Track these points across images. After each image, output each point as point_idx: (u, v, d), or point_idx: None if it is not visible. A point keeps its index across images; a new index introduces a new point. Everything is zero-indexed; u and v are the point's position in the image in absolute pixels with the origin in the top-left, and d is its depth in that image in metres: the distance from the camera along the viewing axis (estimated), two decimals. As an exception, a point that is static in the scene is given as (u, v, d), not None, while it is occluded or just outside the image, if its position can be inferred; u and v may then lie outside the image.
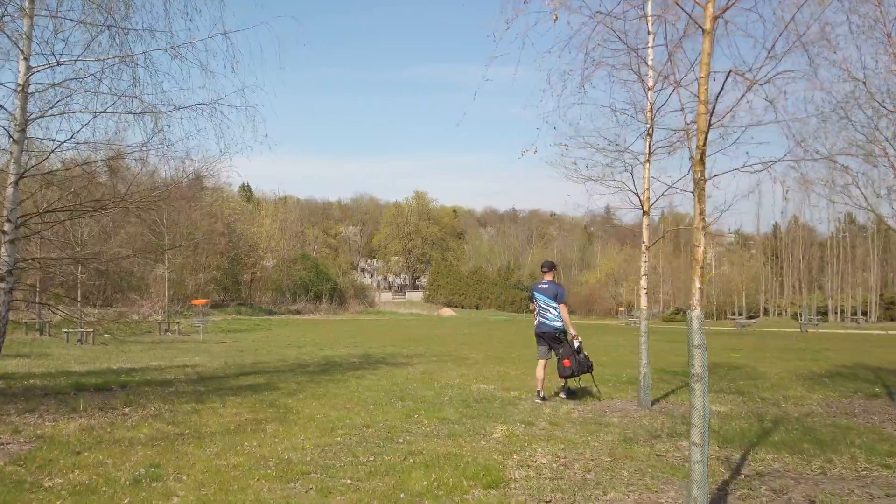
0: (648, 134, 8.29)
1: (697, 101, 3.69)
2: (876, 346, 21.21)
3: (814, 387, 10.41)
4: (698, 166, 3.70)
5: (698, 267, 3.72)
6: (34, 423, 7.24)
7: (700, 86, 3.68)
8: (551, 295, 9.24)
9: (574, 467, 5.46)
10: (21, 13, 8.77)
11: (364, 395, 9.72)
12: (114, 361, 15.11)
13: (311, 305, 46.10)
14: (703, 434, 3.69)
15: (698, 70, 3.67)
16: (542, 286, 9.41)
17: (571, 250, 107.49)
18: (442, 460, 5.67)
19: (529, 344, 21.99)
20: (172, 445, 6.23)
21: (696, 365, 3.73)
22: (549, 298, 9.24)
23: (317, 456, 5.87)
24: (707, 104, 3.67)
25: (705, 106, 3.67)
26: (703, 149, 3.67)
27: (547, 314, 9.25)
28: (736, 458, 5.82)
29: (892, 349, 19.54)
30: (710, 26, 3.64)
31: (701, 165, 3.70)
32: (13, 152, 8.68)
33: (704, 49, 3.66)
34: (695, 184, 3.73)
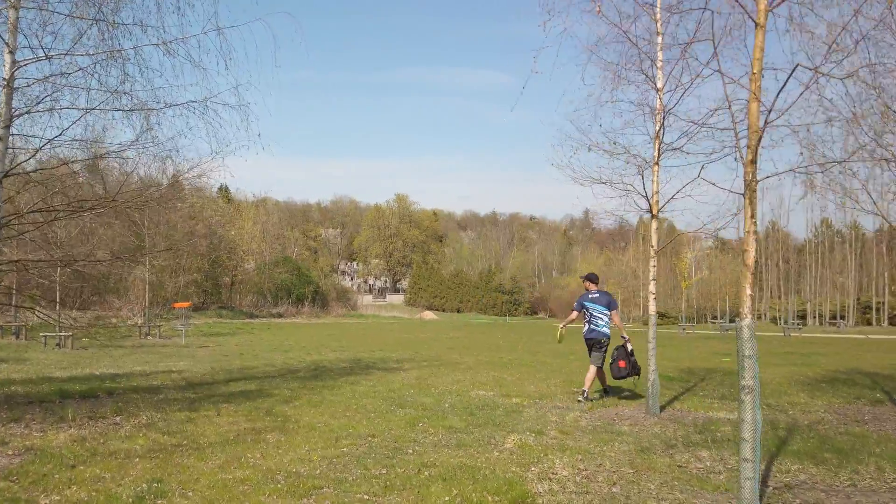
0: (658, 136, 8.14)
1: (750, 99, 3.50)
2: (864, 350, 21.35)
3: (815, 393, 10.34)
4: (750, 167, 3.52)
5: (749, 273, 3.53)
6: (21, 434, 6.89)
7: (752, 82, 3.50)
8: (605, 304, 9.75)
9: (598, 480, 5.26)
10: (6, 4, 8.41)
11: (362, 402, 9.45)
12: (96, 366, 14.65)
13: (292, 308, 45.50)
14: (755, 449, 3.51)
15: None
16: (594, 296, 9.88)
17: (552, 254, 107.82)
18: (458, 473, 5.44)
19: (516, 349, 21.89)
20: (171, 457, 5.92)
21: (746, 376, 3.54)
22: (602, 307, 9.72)
23: (326, 468, 5.61)
24: (759, 100, 3.48)
25: (758, 103, 3.48)
26: (756, 148, 3.48)
27: (599, 321, 9.69)
28: (760, 469, 5.65)
29: (879, 353, 19.67)
30: (764, 20, 3.46)
31: (753, 166, 3.52)
32: (-3, 149, 8.30)
33: (757, 44, 3.48)
34: (745, 185, 3.55)
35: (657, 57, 8.20)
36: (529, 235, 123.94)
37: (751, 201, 3.52)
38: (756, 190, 3.53)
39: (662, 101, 7.79)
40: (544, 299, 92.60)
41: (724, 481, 5.25)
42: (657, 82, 8.18)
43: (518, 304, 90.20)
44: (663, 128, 7.81)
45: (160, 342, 25.00)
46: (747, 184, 3.54)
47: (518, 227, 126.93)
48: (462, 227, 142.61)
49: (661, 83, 8.18)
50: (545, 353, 19.35)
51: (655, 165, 8.13)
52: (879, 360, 16.64)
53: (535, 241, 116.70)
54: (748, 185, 3.53)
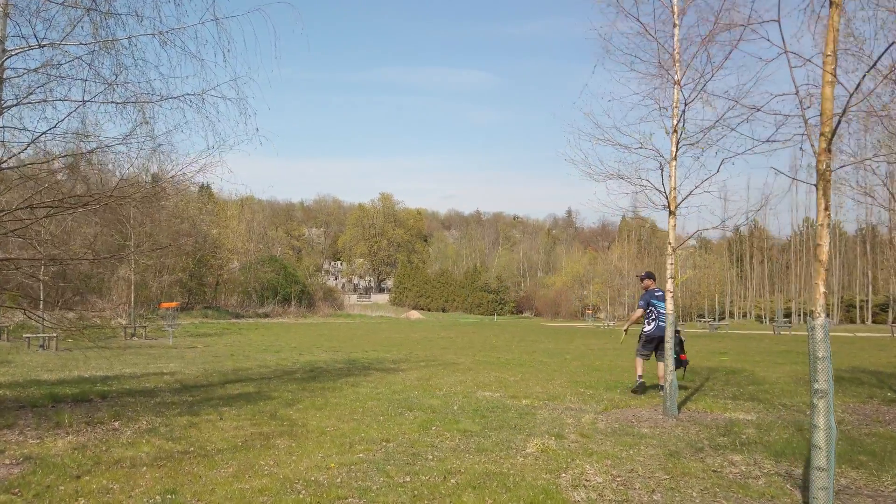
0: (675, 130, 7.94)
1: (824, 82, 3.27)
2: (857, 348, 21.37)
3: (825, 392, 10.20)
4: (824, 156, 3.30)
5: (822, 269, 3.30)
6: (17, 441, 6.53)
7: (826, 65, 3.27)
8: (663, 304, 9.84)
9: (635, 486, 5.03)
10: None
11: (367, 404, 9.17)
12: (84, 369, 14.23)
13: (279, 308, 44.91)
14: (830, 458, 3.28)
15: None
16: (659, 294, 10.10)
17: (536, 253, 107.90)
18: (487, 480, 5.19)
19: (511, 348, 21.65)
20: (180, 466, 5.60)
21: (819, 380, 3.31)
22: (660, 303, 9.97)
23: (346, 476, 5.33)
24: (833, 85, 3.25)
25: (831, 87, 3.25)
26: (832, 136, 3.25)
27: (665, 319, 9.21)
28: (798, 473, 5.46)
29: (873, 352, 19.69)
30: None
31: (827, 155, 3.29)
32: (-14, 143, 7.93)
33: (832, 24, 3.26)
34: (818, 175, 3.33)
35: (675, 49, 8.00)
36: (513, 235, 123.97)
37: (825, 192, 3.30)
38: (830, 180, 3.30)
39: (683, 95, 7.58)
40: (530, 298, 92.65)
41: (765, 487, 5.05)
42: (675, 75, 7.98)
43: (504, 303, 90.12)
44: (684, 122, 7.60)
45: (146, 343, 24.50)
46: (821, 174, 3.31)
47: (502, 227, 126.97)
48: (446, 226, 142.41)
49: (678, 76, 7.98)
50: (541, 353, 19.16)
51: (673, 161, 7.93)
52: (877, 359, 16.64)
53: (519, 241, 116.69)
54: (822, 174, 3.31)
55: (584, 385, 11.21)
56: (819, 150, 3.31)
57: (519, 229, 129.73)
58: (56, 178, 8.61)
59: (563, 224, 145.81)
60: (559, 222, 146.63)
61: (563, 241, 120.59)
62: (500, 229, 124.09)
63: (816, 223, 3.33)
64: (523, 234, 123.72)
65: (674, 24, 7.98)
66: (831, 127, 3.27)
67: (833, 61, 3.28)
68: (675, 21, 7.98)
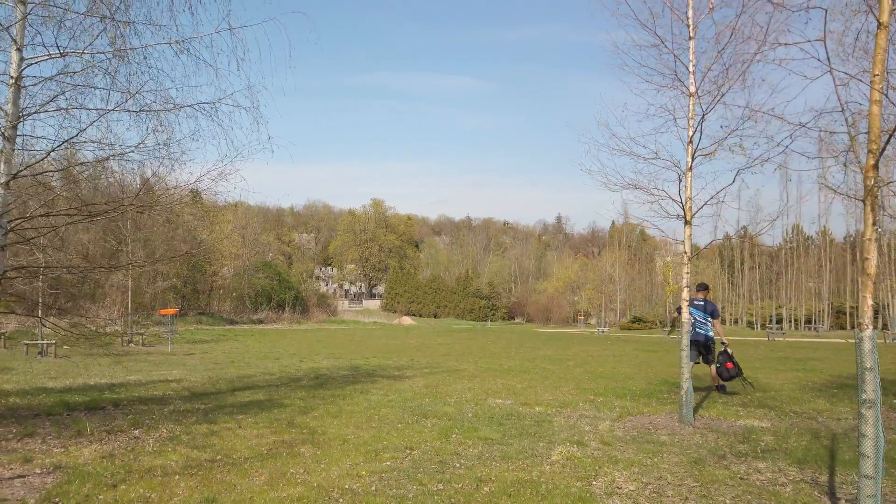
0: (690, 141, 8.06)
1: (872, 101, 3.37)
2: (852, 354, 21.57)
3: (832, 399, 10.33)
4: (871, 172, 3.40)
5: (870, 282, 3.40)
6: (42, 450, 6.52)
7: (874, 84, 3.37)
8: (708, 311, 11.13)
9: (668, 494, 5.10)
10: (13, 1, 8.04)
11: (380, 411, 9.20)
12: (86, 376, 14.18)
13: (273, 314, 44.77)
14: (877, 466, 3.37)
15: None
16: (699, 303, 11.14)
17: (528, 259, 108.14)
18: (520, 488, 5.25)
19: (511, 354, 21.67)
20: (211, 474, 5.63)
21: (867, 390, 3.42)
22: (705, 314, 11.08)
23: (379, 485, 5.37)
24: (881, 104, 3.36)
25: (879, 106, 3.35)
26: (880, 153, 3.35)
27: (701, 326, 10.98)
28: (823, 480, 5.56)
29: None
30: (888, 19, 3.34)
31: (874, 171, 3.39)
32: (4, 151, 7.93)
33: (879, 44, 3.37)
34: (866, 191, 3.42)
35: (690, 61, 8.13)
36: (504, 241, 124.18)
37: (872, 208, 3.40)
38: (878, 196, 3.40)
39: (702, 106, 7.70)
40: (521, 304, 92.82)
41: (794, 494, 5.14)
42: (690, 87, 8.10)
43: (495, 309, 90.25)
44: (701, 132, 7.72)
45: (144, 350, 24.40)
46: (868, 190, 3.41)
47: (493, 233, 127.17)
48: (436, 231, 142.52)
49: (693, 88, 8.11)
50: (542, 360, 19.24)
51: (689, 171, 8.04)
52: (874, 365, 16.82)
53: (510, 247, 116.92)
54: (869, 191, 3.41)
55: (593, 392, 11.30)
56: (867, 166, 3.41)
57: (509, 235, 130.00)
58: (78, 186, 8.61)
59: (553, 230, 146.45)
60: (549, 228, 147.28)
61: (554, 248, 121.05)
62: (492, 235, 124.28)
63: (864, 237, 3.43)
64: (514, 239, 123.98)
65: (689, 37, 8.11)
66: (879, 145, 3.37)
67: (881, 80, 3.39)
68: (690, 34, 8.11)
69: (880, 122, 3.39)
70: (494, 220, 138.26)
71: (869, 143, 3.42)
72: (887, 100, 3.42)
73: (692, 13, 8.09)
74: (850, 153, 3.49)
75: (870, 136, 3.42)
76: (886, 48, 3.37)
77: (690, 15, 8.09)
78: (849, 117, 3.47)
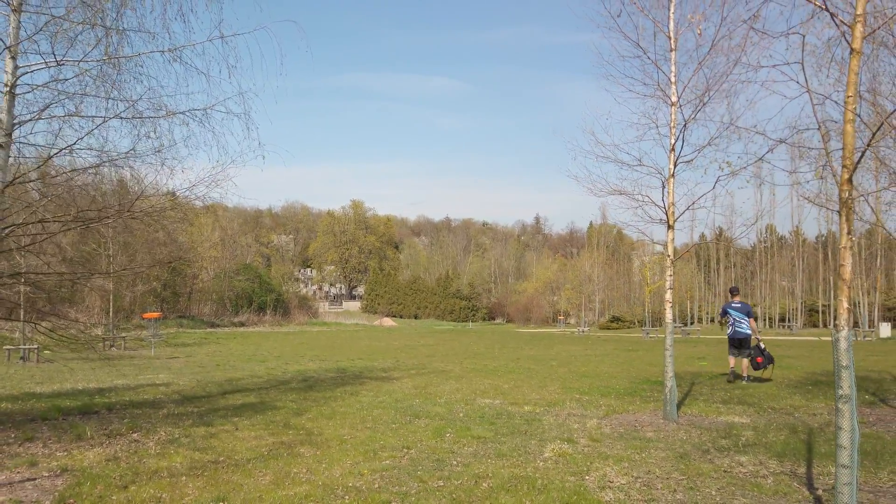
0: (672, 149, 8.38)
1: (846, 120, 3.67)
2: (826, 352, 22.15)
3: (807, 395, 10.73)
4: (846, 185, 3.69)
5: (846, 286, 3.70)
6: (45, 454, 6.65)
7: (847, 105, 3.67)
8: (744, 312, 12.93)
9: (657, 487, 5.39)
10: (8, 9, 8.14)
11: (373, 412, 9.41)
12: (74, 381, 14.21)
13: (254, 317, 44.63)
14: (853, 457, 3.66)
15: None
16: (736, 306, 13.01)
17: (508, 260, 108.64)
18: (517, 483, 5.50)
19: (495, 355, 21.85)
20: (216, 475, 5.81)
21: (843, 386, 3.70)
22: (742, 314, 12.87)
23: (382, 483, 5.59)
24: (854, 123, 3.66)
25: (852, 125, 3.65)
26: (854, 168, 3.66)
27: (741, 325, 12.76)
28: (801, 472, 5.88)
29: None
30: (860, 46, 3.64)
31: (849, 185, 3.69)
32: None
33: (852, 68, 3.66)
34: (841, 203, 3.72)
35: (671, 72, 8.44)
36: (483, 241, 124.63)
37: (847, 218, 3.69)
38: (852, 208, 3.70)
39: (683, 115, 8.02)
40: (502, 305, 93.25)
41: (775, 485, 5.45)
42: (672, 97, 8.42)
43: (476, 309, 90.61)
44: (683, 140, 8.05)
45: (126, 354, 24.29)
46: (843, 202, 3.70)
47: (473, 233, 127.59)
48: (415, 232, 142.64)
49: (674, 98, 8.42)
50: (526, 360, 19.54)
51: (671, 178, 8.36)
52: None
53: (489, 247, 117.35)
54: (844, 202, 3.70)
55: (579, 391, 11.59)
56: (842, 180, 3.71)
57: (489, 236, 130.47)
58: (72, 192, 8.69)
59: (532, 230, 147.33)
60: (528, 229, 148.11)
61: (533, 248, 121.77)
62: (471, 236, 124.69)
63: (840, 245, 3.73)
64: (493, 240, 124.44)
65: (671, 49, 8.43)
66: (853, 161, 3.67)
67: (853, 102, 3.69)
68: (672, 46, 8.43)
69: (854, 140, 3.69)
70: (473, 221, 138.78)
71: (843, 159, 3.72)
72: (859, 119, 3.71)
73: (673, 26, 8.41)
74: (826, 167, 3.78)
75: (844, 153, 3.72)
76: (858, 72, 3.67)
77: (672, 28, 8.41)
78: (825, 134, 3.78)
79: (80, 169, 9.50)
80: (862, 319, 45.24)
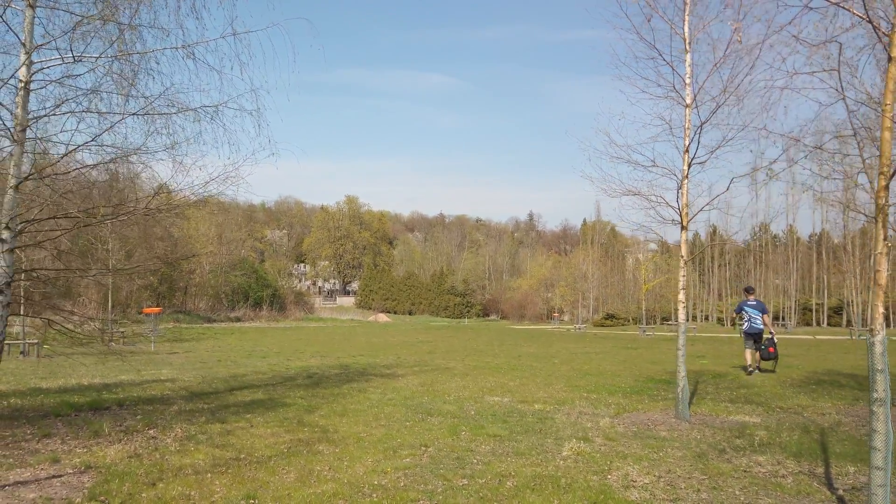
0: (686, 150, 8.44)
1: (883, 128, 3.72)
2: (823, 351, 22.33)
3: (813, 395, 10.82)
4: (882, 192, 3.75)
5: (881, 291, 3.75)
6: (65, 451, 6.65)
7: (885, 113, 3.72)
8: (760, 310, 14.14)
9: (680, 486, 5.45)
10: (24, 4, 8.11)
11: (384, 410, 9.45)
12: (78, 376, 14.22)
13: (251, 312, 44.52)
14: (887, 459, 3.73)
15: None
16: (751, 304, 14.22)
17: (502, 256, 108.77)
18: (541, 482, 5.55)
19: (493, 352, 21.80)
20: (241, 472, 5.84)
21: (878, 389, 3.77)
22: (757, 312, 14.06)
23: (407, 481, 5.63)
24: (892, 130, 3.72)
25: (890, 132, 3.71)
26: (890, 176, 3.71)
27: (756, 321, 13.95)
28: (819, 472, 5.96)
29: (839, 354, 20.63)
30: (898, 55, 3.69)
31: (885, 192, 3.75)
32: (14, 154, 8.00)
33: (891, 76, 3.72)
34: (878, 209, 3.78)
35: (686, 73, 8.50)
36: (478, 237, 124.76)
37: (883, 225, 3.75)
38: (888, 214, 3.76)
39: (700, 116, 8.08)
40: (496, 301, 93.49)
41: (795, 485, 5.52)
42: (686, 98, 8.47)
43: (470, 306, 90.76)
44: (698, 142, 8.11)
45: (127, 349, 24.20)
46: (879, 208, 3.76)
47: (467, 230, 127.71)
48: (409, 228, 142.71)
49: (689, 99, 8.48)
50: (527, 357, 19.61)
51: (685, 179, 8.42)
52: (846, 361, 17.48)
53: (483, 244, 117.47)
54: (881, 209, 3.76)
55: (586, 390, 11.66)
56: (879, 187, 3.77)
57: (483, 232, 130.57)
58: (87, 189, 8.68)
59: (526, 227, 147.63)
60: (521, 225, 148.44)
61: (527, 245, 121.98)
62: (466, 232, 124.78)
63: (876, 251, 3.78)
64: (487, 237, 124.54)
65: (685, 51, 8.48)
66: (890, 168, 3.73)
67: (891, 109, 3.75)
68: (686, 48, 8.48)
69: (891, 147, 3.75)
70: (468, 218, 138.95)
71: (880, 166, 3.78)
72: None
73: (688, 28, 8.45)
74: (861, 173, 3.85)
75: (881, 160, 3.77)
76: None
77: (686, 30, 8.46)
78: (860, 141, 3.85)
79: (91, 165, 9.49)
80: (856, 319, 45.59)
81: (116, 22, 8.30)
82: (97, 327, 25.83)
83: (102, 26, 8.35)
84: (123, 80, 8.16)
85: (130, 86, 8.13)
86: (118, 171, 9.08)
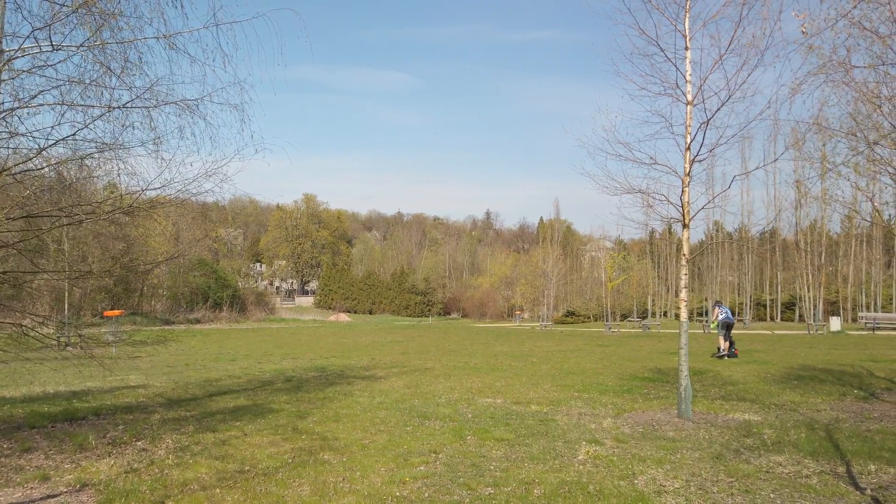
0: (688, 148, 8.38)
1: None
2: (789, 346, 22.64)
3: (800, 391, 10.91)
4: None
5: None
6: (51, 466, 6.22)
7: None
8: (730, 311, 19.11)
9: (713, 490, 5.34)
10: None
11: (378, 414, 9.18)
12: (40, 384, 13.60)
13: (210, 314, 43.32)
14: None
15: None
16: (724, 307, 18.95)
17: (462, 255, 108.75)
18: (569, 489, 5.38)
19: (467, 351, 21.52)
20: (250, 486, 5.51)
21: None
22: (728, 310, 18.84)
23: (429, 491, 5.39)
24: None
25: None
26: None
27: (730, 316, 18.41)
28: (841, 471, 5.93)
29: (805, 349, 21.00)
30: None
31: None
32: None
33: None
34: None
35: (686, 70, 8.43)
36: (436, 236, 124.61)
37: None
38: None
39: (706, 112, 8.01)
40: (457, 300, 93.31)
41: (822, 486, 5.47)
42: (687, 95, 8.41)
43: (431, 304, 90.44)
44: (703, 138, 8.04)
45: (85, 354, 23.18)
46: None
47: (426, 228, 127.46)
48: (367, 227, 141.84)
49: (689, 96, 8.42)
50: (503, 357, 19.47)
51: (686, 177, 8.35)
52: (816, 356, 17.80)
53: (442, 242, 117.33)
54: None
55: (575, 389, 11.56)
56: None
57: (441, 231, 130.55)
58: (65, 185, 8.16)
59: (483, 226, 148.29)
60: (479, 224, 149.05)
61: (486, 243, 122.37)
62: (425, 230, 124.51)
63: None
64: (446, 235, 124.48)
65: (686, 48, 8.42)
66: None
67: None
68: (686, 44, 8.41)
69: None
70: (426, 216, 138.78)
71: None
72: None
73: (688, 24, 8.39)
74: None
75: None
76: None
77: (687, 26, 8.39)
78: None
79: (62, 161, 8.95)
80: (808, 314, 46.93)
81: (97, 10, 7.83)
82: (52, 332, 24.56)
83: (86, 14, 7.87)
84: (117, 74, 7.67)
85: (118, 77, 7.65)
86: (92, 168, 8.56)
